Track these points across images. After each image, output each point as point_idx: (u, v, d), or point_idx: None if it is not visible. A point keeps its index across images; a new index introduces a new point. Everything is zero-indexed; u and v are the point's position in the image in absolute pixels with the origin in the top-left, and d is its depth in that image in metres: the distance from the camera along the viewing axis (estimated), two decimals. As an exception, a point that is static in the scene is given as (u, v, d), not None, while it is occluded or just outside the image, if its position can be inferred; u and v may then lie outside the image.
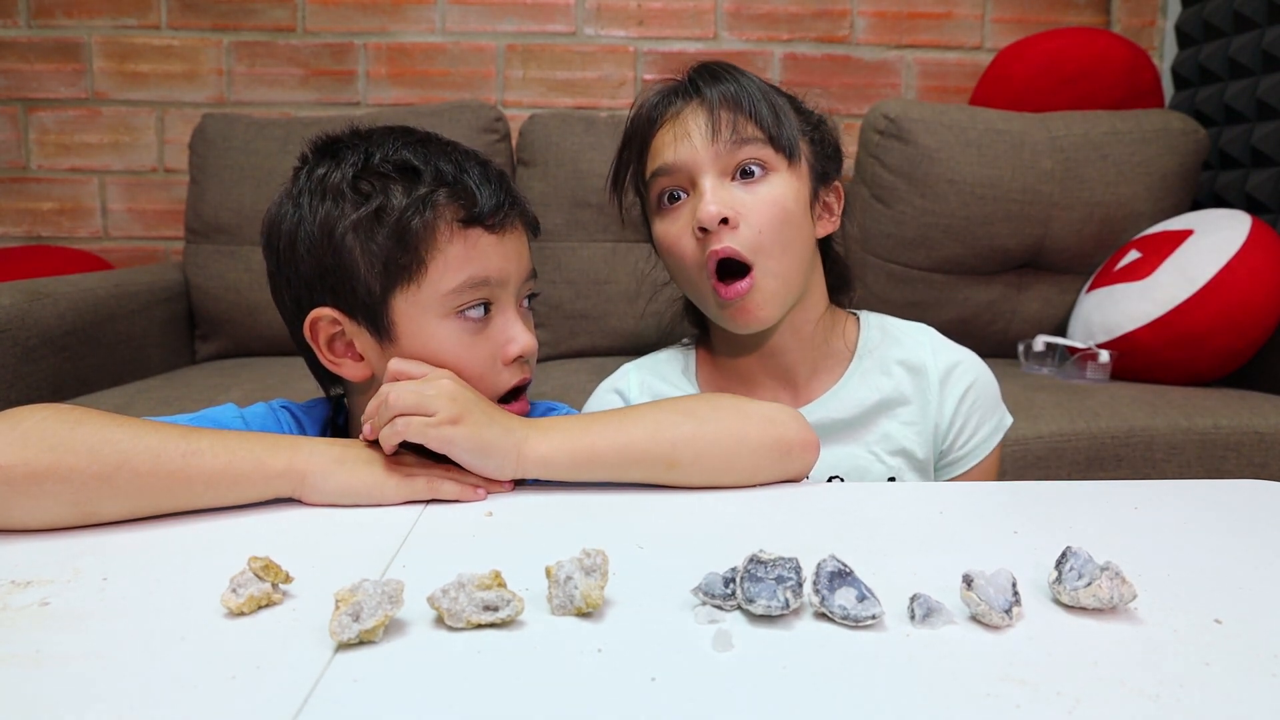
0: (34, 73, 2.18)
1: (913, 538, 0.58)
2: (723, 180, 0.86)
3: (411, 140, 0.76)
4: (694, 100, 0.88)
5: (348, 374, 0.77)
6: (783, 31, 2.24)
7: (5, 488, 0.56)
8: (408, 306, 0.72)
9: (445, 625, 0.44)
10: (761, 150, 0.86)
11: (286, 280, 0.76)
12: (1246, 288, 1.52)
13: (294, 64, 2.20)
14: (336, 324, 0.75)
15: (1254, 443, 1.40)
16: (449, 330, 0.73)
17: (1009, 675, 0.40)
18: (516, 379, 0.77)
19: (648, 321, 1.86)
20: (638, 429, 0.67)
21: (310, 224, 0.73)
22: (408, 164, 0.73)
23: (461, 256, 0.72)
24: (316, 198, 0.73)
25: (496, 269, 0.74)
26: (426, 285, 0.72)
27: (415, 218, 0.71)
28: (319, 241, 0.73)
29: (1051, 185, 1.82)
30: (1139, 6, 2.26)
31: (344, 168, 0.73)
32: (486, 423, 0.65)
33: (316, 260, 0.73)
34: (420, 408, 0.63)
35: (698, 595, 0.47)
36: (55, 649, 0.42)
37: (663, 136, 0.89)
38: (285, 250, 0.75)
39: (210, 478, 0.60)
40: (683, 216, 0.88)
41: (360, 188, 0.72)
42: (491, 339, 0.75)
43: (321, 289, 0.74)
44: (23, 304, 1.44)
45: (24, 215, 2.22)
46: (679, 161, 0.87)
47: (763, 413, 0.70)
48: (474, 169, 0.75)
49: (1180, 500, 0.66)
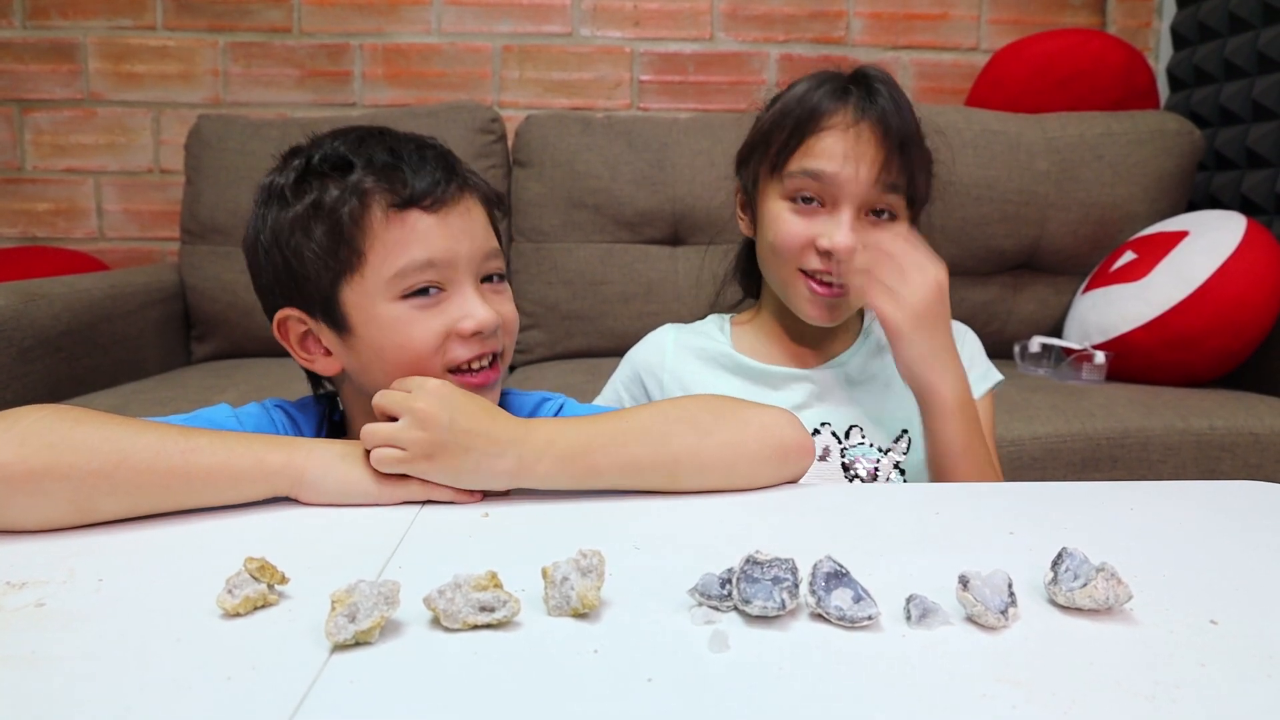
0: (29, 73, 2.17)
1: (909, 538, 0.58)
2: (860, 215, 0.91)
3: (353, 137, 0.76)
4: (869, 119, 0.90)
5: (320, 369, 0.78)
6: (779, 32, 2.25)
7: (4, 486, 0.56)
8: (356, 297, 0.73)
9: (441, 626, 0.44)
10: (898, 201, 0.93)
11: (259, 289, 0.79)
12: (1242, 289, 1.53)
13: (290, 65, 2.20)
14: (302, 323, 0.76)
15: (1249, 444, 1.41)
16: (398, 312, 0.73)
17: (1005, 676, 0.40)
18: (474, 353, 0.74)
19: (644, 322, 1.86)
20: (640, 445, 0.66)
21: (264, 231, 0.76)
22: (342, 158, 0.74)
23: (399, 241, 0.72)
24: (267, 205, 0.76)
25: (440, 249, 0.73)
26: (369, 273, 0.72)
27: (345, 208, 0.72)
28: (271, 246, 0.75)
29: (1047, 186, 1.82)
30: (1135, 8, 2.27)
31: (287, 173, 0.75)
32: (463, 452, 0.63)
33: (272, 265, 0.76)
34: (393, 443, 0.63)
35: (694, 596, 0.47)
36: (50, 650, 0.42)
37: (828, 142, 0.90)
38: (252, 261, 0.78)
39: (209, 475, 0.61)
40: (811, 224, 0.92)
41: (300, 188, 0.74)
42: (445, 315, 0.73)
43: (281, 292, 0.76)
44: (18, 305, 1.43)
45: (19, 216, 2.21)
46: (836, 177, 0.90)
47: (761, 419, 0.70)
48: (410, 153, 0.74)
49: (1176, 501, 0.66)
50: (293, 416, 0.82)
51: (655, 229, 1.90)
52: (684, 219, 1.88)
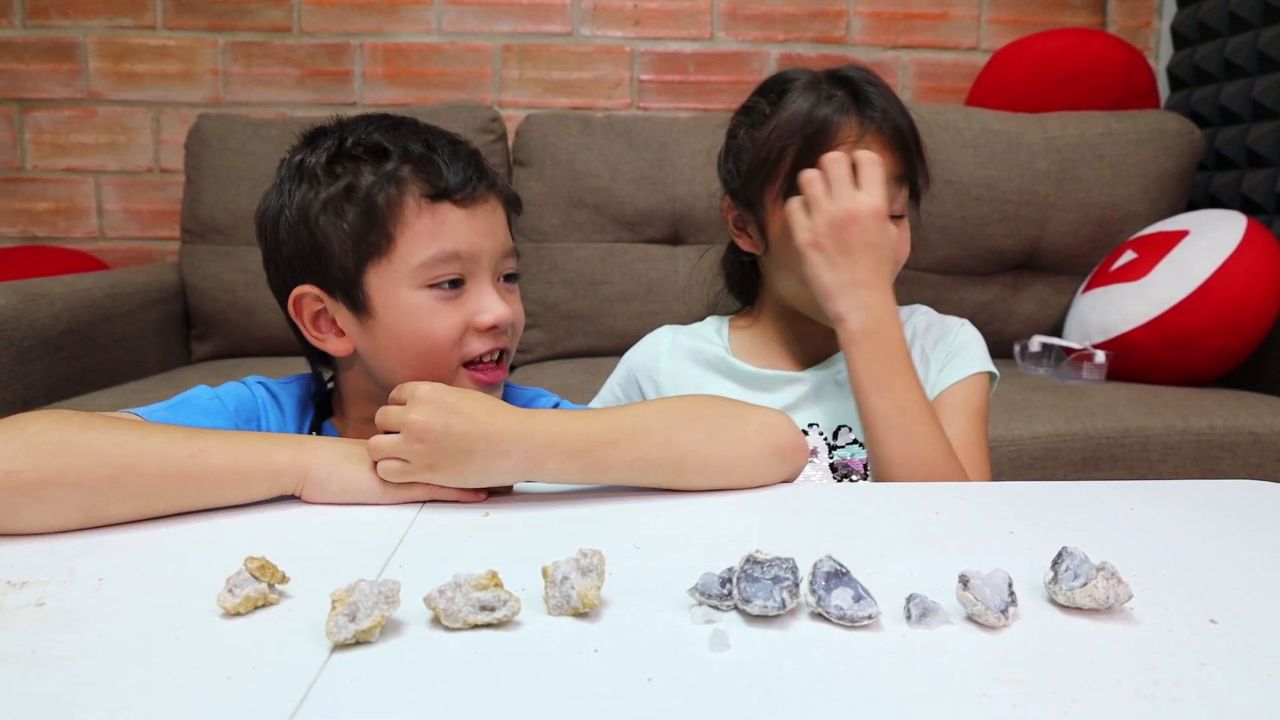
0: (29, 73, 2.17)
1: (909, 538, 0.58)
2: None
3: (385, 124, 0.78)
4: (872, 125, 0.90)
5: (332, 349, 0.79)
6: (779, 32, 2.25)
7: (14, 494, 0.56)
8: (380, 281, 0.75)
9: (442, 626, 0.44)
10: (906, 201, 0.94)
11: (274, 264, 0.80)
12: (1242, 288, 1.53)
13: (290, 64, 2.20)
14: (319, 301, 0.77)
15: (1249, 443, 1.41)
16: (421, 301, 0.74)
17: (1005, 675, 0.40)
18: (488, 347, 0.77)
19: (644, 322, 1.86)
20: (648, 442, 0.66)
21: (290, 208, 0.76)
22: (378, 145, 0.75)
23: (430, 231, 0.74)
24: (294, 183, 0.77)
25: (466, 243, 0.75)
26: (397, 260, 0.74)
27: (381, 194, 0.73)
28: (296, 223, 0.76)
29: (1047, 186, 1.82)
30: (1135, 7, 2.27)
31: (319, 153, 0.76)
32: (465, 456, 0.62)
33: (296, 241, 0.76)
34: (395, 456, 0.63)
35: (694, 595, 0.47)
36: (51, 650, 0.42)
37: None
38: (270, 235, 0.79)
39: (217, 476, 0.61)
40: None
41: (333, 170, 0.75)
42: (464, 308, 0.76)
43: (302, 269, 0.77)
44: (18, 304, 1.43)
45: (19, 215, 2.21)
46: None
47: (760, 418, 0.71)
48: (444, 147, 0.76)
49: (1176, 501, 0.66)
50: (274, 394, 0.82)
51: (655, 228, 1.90)
52: (684, 218, 1.88)
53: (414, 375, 0.75)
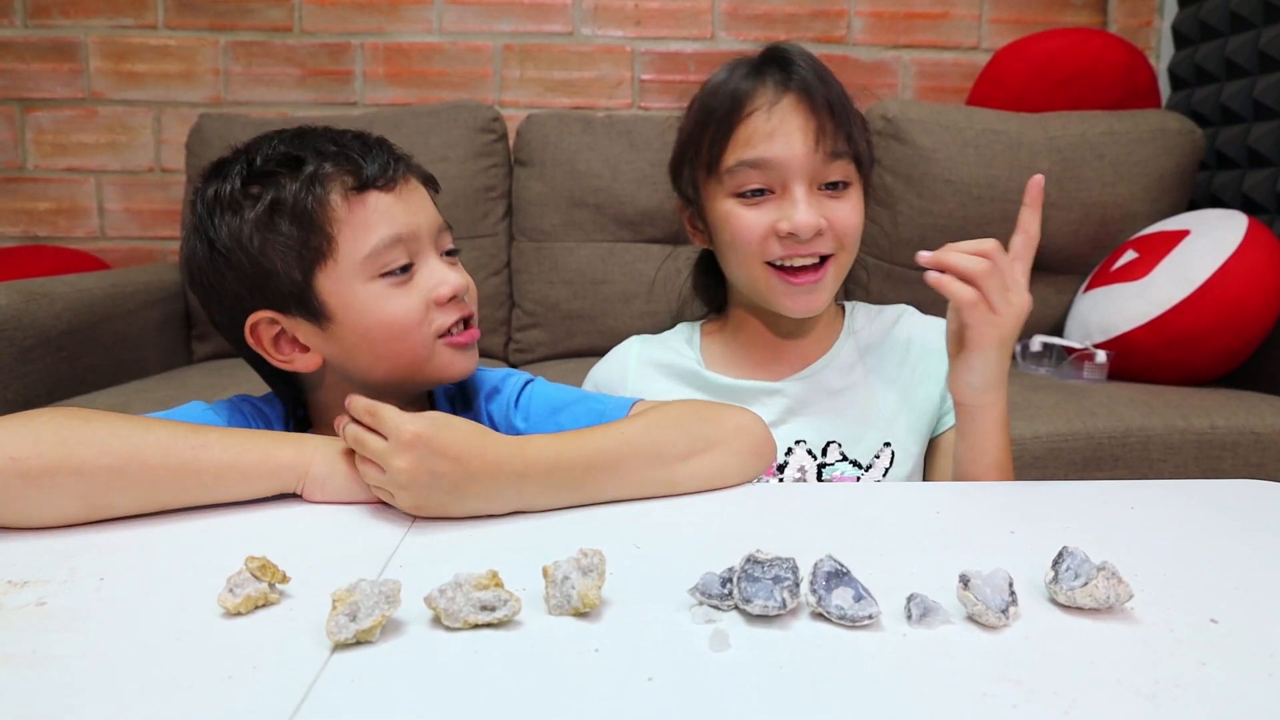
0: (30, 72, 2.17)
1: (909, 538, 0.58)
2: (813, 189, 0.88)
3: (287, 136, 0.78)
4: (791, 93, 0.88)
5: (300, 366, 0.78)
6: (780, 31, 2.24)
7: (19, 480, 0.57)
8: (332, 284, 0.74)
9: (442, 625, 0.44)
10: (848, 167, 0.89)
11: (218, 302, 0.78)
12: (1243, 288, 1.52)
13: (291, 64, 2.20)
14: (274, 324, 0.76)
15: (1250, 443, 1.40)
16: (376, 291, 0.74)
17: (1005, 675, 0.40)
18: (454, 318, 0.78)
19: (645, 321, 1.86)
20: (641, 460, 0.66)
21: (219, 241, 0.75)
22: (289, 155, 0.75)
23: (365, 221, 0.74)
24: (216, 215, 0.75)
25: (403, 224, 0.75)
26: (342, 258, 0.73)
27: (308, 197, 0.73)
28: (232, 252, 0.74)
29: (1048, 185, 1.80)
30: (1136, 7, 2.26)
31: (231, 179, 0.75)
32: (458, 502, 0.61)
33: (235, 271, 0.75)
34: (381, 489, 0.62)
35: (695, 595, 0.47)
36: (52, 649, 0.42)
37: (756, 125, 0.87)
38: (207, 275, 0.77)
39: (220, 471, 0.61)
40: (765, 212, 0.88)
41: (250, 191, 0.74)
42: (419, 287, 0.76)
43: (250, 296, 0.75)
44: (19, 304, 1.43)
45: (20, 215, 2.21)
46: (776, 160, 0.86)
47: (736, 420, 0.73)
48: (353, 141, 0.77)
49: (1177, 500, 0.66)
50: (261, 410, 0.82)
51: (656, 228, 1.90)
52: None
53: (391, 366, 0.76)
